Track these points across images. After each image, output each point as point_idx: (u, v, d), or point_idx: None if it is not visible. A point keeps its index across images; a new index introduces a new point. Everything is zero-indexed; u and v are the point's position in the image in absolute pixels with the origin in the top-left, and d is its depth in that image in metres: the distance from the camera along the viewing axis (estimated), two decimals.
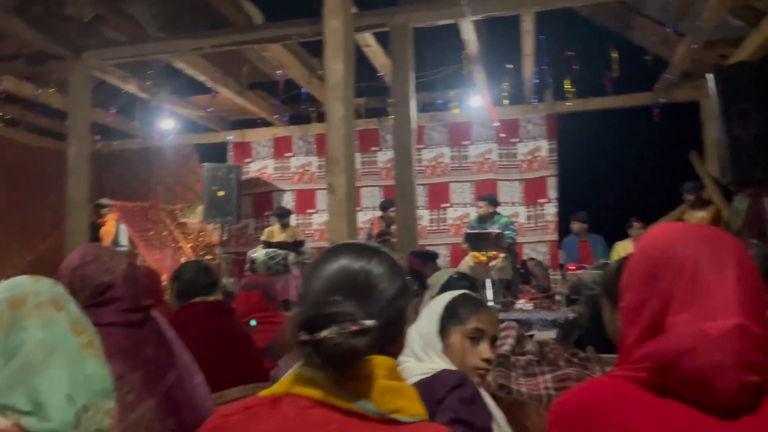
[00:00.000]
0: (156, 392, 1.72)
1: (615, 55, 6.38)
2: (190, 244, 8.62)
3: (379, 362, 0.87)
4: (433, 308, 1.58)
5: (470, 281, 2.58)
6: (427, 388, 1.33)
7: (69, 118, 5.57)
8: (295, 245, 7.11)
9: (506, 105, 7.54)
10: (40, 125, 8.07)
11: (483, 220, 6.54)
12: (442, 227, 8.01)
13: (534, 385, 2.34)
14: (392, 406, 0.83)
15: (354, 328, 0.84)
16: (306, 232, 8.23)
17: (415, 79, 5.13)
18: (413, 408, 0.85)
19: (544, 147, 7.69)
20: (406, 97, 4.82)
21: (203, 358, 1.96)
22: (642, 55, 6.48)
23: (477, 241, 6.23)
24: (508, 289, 6.27)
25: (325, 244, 8.23)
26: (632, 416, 0.83)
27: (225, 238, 8.13)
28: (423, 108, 8.08)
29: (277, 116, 8.34)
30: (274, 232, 7.32)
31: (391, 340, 0.91)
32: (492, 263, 6.20)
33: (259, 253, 6.82)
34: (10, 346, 1.22)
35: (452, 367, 1.43)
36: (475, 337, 1.51)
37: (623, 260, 1.33)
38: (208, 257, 8.62)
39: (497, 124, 7.60)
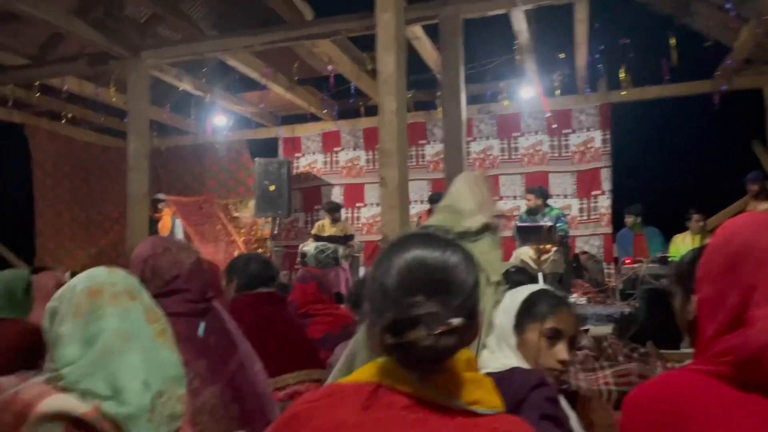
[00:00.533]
0: (219, 379, 1.77)
1: (673, 41, 6.16)
2: (243, 238, 8.81)
3: (459, 355, 0.87)
4: (511, 301, 1.52)
5: (527, 275, 2.54)
6: (503, 385, 1.31)
7: (128, 116, 5.76)
8: (345, 239, 7.17)
9: (558, 95, 7.39)
10: (101, 123, 8.37)
11: (532, 212, 6.43)
12: None
13: (593, 380, 2.30)
14: (471, 398, 0.83)
15: (443, 328, 0.83)
16: (355, 225, 8.29)
17: (465, 70, 5.08)
18: (491, 400, 0.86)
19: (597, 138, 7.51)
20: (457, 90, 4.78)
21: (258, 345, 2.01)
22: (701, 41, 6.23)
23: (527, 234, 6.13)
24: (560, 284, 6.16)
25: (374, 237, 8.28)
26: (713, 411, 0.81)
27: (276, 231, 8.27)
28: (471, 100, 7.99)
29: (325, 111, 8.41)
30: (325, 226, 7.40)
31: (471, 333, 0.90)
32: (544, 257, 6.11)
33: (309, 246, 6.91)
34: (89, 333, 1.28)
35: (525, 365, 1.39)
36: (552, 336, 1.45)
37: (698, 250, 1.30)
38: (259, 251, 8.79)
39: (549, 114, 7.45)
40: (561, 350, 1.45)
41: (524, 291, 1.54)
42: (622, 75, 6.79)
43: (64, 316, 1.31)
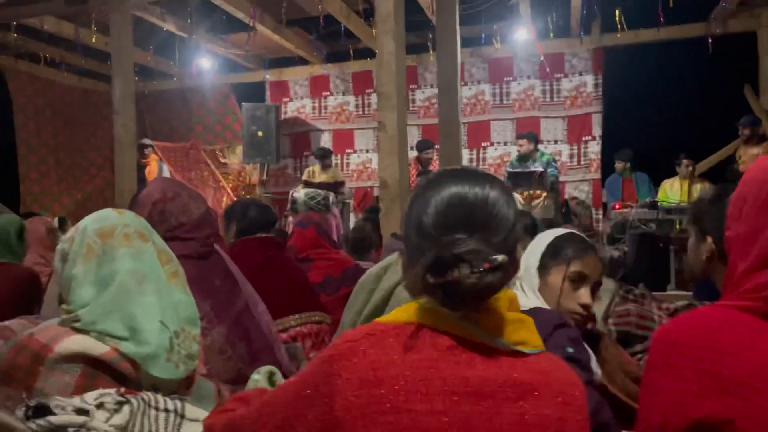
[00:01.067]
0: (226, 319, 1.79)
1: None
2: (231, 184, 8.73)
3: (501, 294, 0.86)
4: (537, 243, 1.51)
5: (533, 220, 2.55)
6: None
7: (112, 59, 5.58)
8: (335, 185, 7.14)
9: (551, 38, 7.26)
10: (83, 66, 8.11)
11: (524, 158, 6.42)
12: (482, 166, 7.90)
13: None
14: (517, 338, 0.83)
15: (486, 265, 0.81)
16: (344, 172, 8.24)
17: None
18: (535, 340, 0.86)
19: (589, 82, 7.44)
20: (452, 32, 4.67)
21: (259, 288, 2.02)
22: None
23: (519, 180, 6.14)
24: (550, 228, 6.22)
25: (364, 184, 8.26)
26: (749, 344, 0.81)
27: (265, 178, 8.20)
28: (464, 43, 7.83)
29: (315, 54, 8.20)
30: (315, 172, 7.35)
31: (513, 270, 0.87)
32: (534, 202, 6.15)
33: (299, 192, 6.86)
34: (103, 274, 1.26)
35: (545, 306, 1.40)
36: (576, 280, 1.43)
37: (718, 191, 1.29)
38: (248, 197, 8.74)
39: (542, 58, 7.34)
40: (584, 294, 1.43)
41: (551, 233, 1.53)
42: (616, 17, 6.65)
43: (75, 257, 1.29)
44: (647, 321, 2.27)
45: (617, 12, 6.59)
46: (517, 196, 6.18)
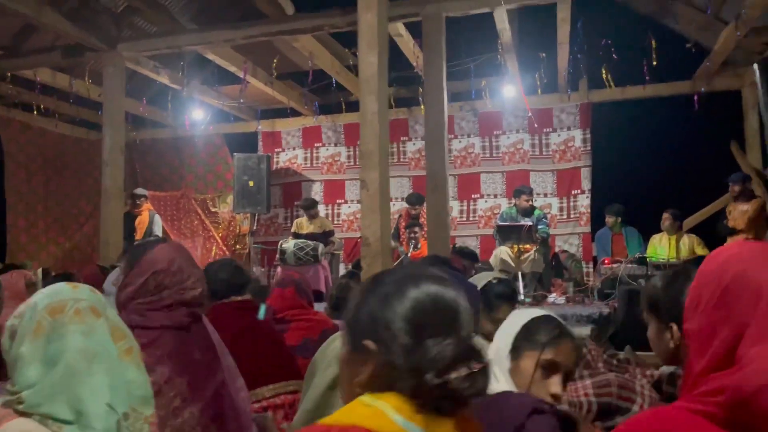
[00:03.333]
0: (201, 397, 1.71)
1: (653, 42, 6.18)
2: (221, 234, 8.70)
3: None
4: (510, 323, 1.44)
5: (510, 287, 2.49)
6: (495, 408, 1.25)
7: (104, 109, 5.63)
8: (325, 236, 7.11)
9: (540, 94, 7.39)
10: (75, 115, 8.18)
11: (524, 212, 6.33)
12: (471, 218, 7.92)
13: (573, 391, 2.28)
14: None
15: (478, 366, 0.81)
16: (335, 222, 8.23)
17: (448, 68, 5.04)
18: None
19: (578, 137, 7.53)
20: (439, 87, 4.75)
21: (234, 357, 1.95)
22: (682, 42, 6.26)
23: (508, 233, 6.13)
24: (540, 283, 6.18)
25: (354, 234, 8.24)
26: None
27: (255, 227, 8.17)
28: (454, 97, 7.96)
29: (306, 106, 8.32)
30: (303, 223, 7.33)
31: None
32: (523, 256, 6.11)
33: (288, 243, 6.83)
34: (50, 354, 1.21)
35: (515, 390, 1.33)
36: (549, 368, 1.35)
37: (670, 275, 1.26)
38: (238, 246, 8.70)
39: (530, 114, 7.45)
40: (555, 383, 1.35)
41: (526, 314, 1.45)
42: (603, 75, 6.79)
43: (24, 335, 1.24)
44: (628, 392, 2.20)
45: (603, 70, 6.72)
46: (507, 250, 6.16)
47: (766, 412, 0.75)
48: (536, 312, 1.45)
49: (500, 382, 1.33)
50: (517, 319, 1.43)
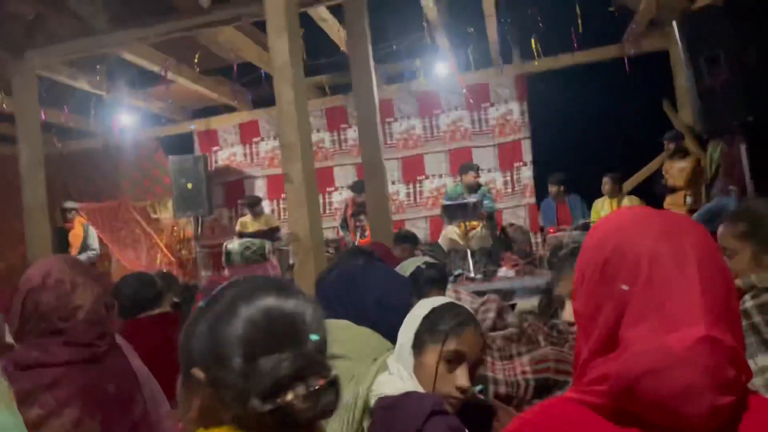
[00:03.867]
0: None
1: (579, 9, 6.19)
2: (165, 241, 8.42)
3: None
4: (412, 316, 1.34)
5: (440, 270, 2.41)
6: (395, 412, 1.15)
7: (16, 122, 5.30)
8: (271, 232, 6.95)
9: (474, 70, 7.35)
10: None
11: (471, 189, 6.30)
12: (419, 200, 7.86)
13: (511, 369, 2.23)
14: None
15: (321, 381, 0.73)
16: (281, 218, 8.05)
17: (378, 50, 4.93)
18: None
19: (515, 109, 7.53)
20: (367, 71, 4.63)
21: (154, 375, 1.82)
22: (607, 6, 6.30)
23: (454, 212, 6.10)
24: (489, 258, 6.17)
25: None
26: None
27: (199, 231, 7.93)
28: (390, 80, 7.86)
29: (236, 101, 8.08)
30: (247, 222, 7.15)
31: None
32: (471, 233, 6.09)
33: (234, 244, 6.61)
34: None
35: (420, 389, 1.23)
36: (453, 360, 1.26)
37: (572, 247, 1.19)
38: (183, 252, 8.44)
39: (464, 90, 7.42)
40: (462, 375, 1.26)
41: (428, 304, 1.35)
42: (533, 45, 6.78)
43: None
44: (566, 364, 2.16)
45: (533, 40, 6.71)
46: (455, 229, 6.13)
47: (648, 401, 0.67)
48: (439, 300, 1.36)
49: (405, 381, 1.24)
50: (418, 310, 1.33)
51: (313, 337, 0.77)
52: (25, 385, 1.42)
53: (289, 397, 0.71)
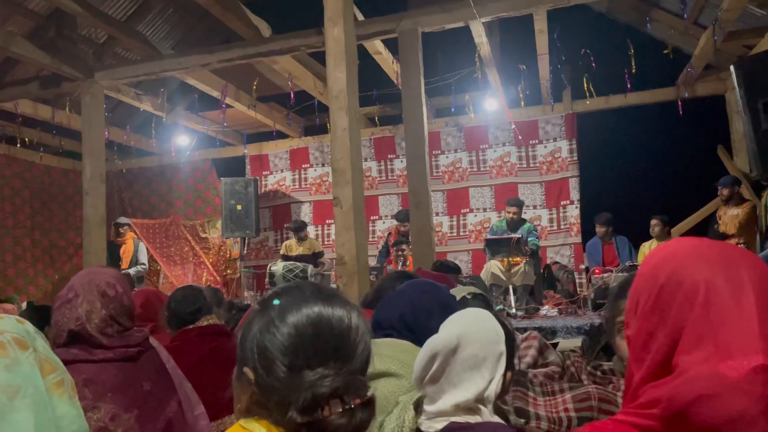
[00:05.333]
0: (151, 430, 1.63)
1: (633, 50, 6.18)
2: (211, 259, 8.62)
3: None
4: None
5: (485, 301, 2.41)
6: None
7: (83, 138, 5.59)
8: (315, 257, 7.05)
9: (523, 107, 7.38)
10: (60, 146, 8.16)
11: (513, 225, 6.29)
12: (462, 233, 7.86)
13: (553, 406, 2.20)
14: None
15: (357, 401, 0.76)
16: (325, 243, 8.16)
17: (428, 84, 5.03)
18: None
19: (564, 147, 7.50)
20: (417, 103, 4.72)
21: (199, 386, 1.87)
22: (661, 49, 6.27)
23: (497, 246, 6.07)
24: (531, 295, 6.09)
25: None
26: None
27: (245, 251, 8.11)
28: (439, 113, 7.96)
29: (291, 128, 8.30)
30: (292, 245, 7.27)
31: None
32: (514, 269, 6.04)
33: (277, 266, 6.76)
34: None
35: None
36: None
37: (624, 279, 1.19)
38: (229, 271, 8.62)
39: (513, 126, 7.44)
40: None
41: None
42: (585, 85, 6.78)
43: None
44: (609, 405, 2.12)
45: (584, 79, 6.71)
46: (497, 264, 6.09)
47: (702, 426, 0.68)
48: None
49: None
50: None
51: (357, 347, 0.80)
52: None
53: (326, 413, 0.74)
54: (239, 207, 7.68)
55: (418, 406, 1.25)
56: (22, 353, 1.22)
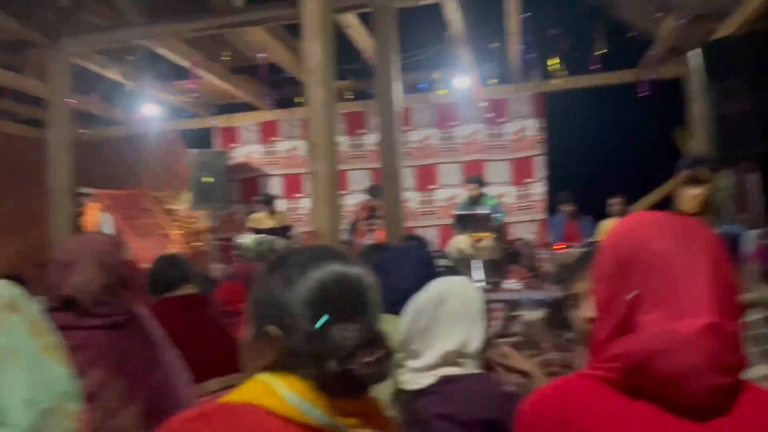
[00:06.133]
0: (139, 397, 1.68)
1: (601, 32, 6.31)
2: (179, 232, 8.56)
3: None
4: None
5: (454, 274, 2.52)
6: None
7: (49, 106, 5.46)
8: (284, 230, 7.08)
9: (493, 85, 7.47)
10: (23, 114, 7.93)
11: (473, 201, 6.52)
12: (430, 209, 7.98)
13: None
14: (348, 421, 0.80)
15: (383, 351, 0.83)
16: (294, 216, 8.18)
17: (400, 60, 5.06)
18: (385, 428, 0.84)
19: (531, 126, 7.64)
20: (390, 79, 4.76)
21: (180, 352, 1.93)
22: (627, 31, 6.41)
23: (465, 222, 6.22)
24: (496, 269, 6.27)
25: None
26: (603, 418, 0.80)
27: (214, 224, 8.07)
28: (409, 89, 7.97)
29: (262, 100, 8.23)
30: (262, 218, 7.27)
31: None
32: (480, 244, 6.19)
33: (247, 239, 6.77)
34: None
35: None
36: None
37: (581, 255, 1.29)
38: (197, 244, 8.57)
39: (484, 104, 7.54)
40: None
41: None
42: (553, 64, 6.90)
43: None
44: (570, 370, 2.25)
45: (553, 60, 6.83)
46: (464, 239, 6.23)
47: (656, 378, 0.78)
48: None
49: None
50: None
51: (374, 304, 0.87)
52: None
53: (357, 363, 0.80)
54: (208, 179, 7.63)
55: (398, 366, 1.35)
56: (12, 316, 1.26)
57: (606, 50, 6.46)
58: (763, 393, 0.82)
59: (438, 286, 1.43)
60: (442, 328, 1.34)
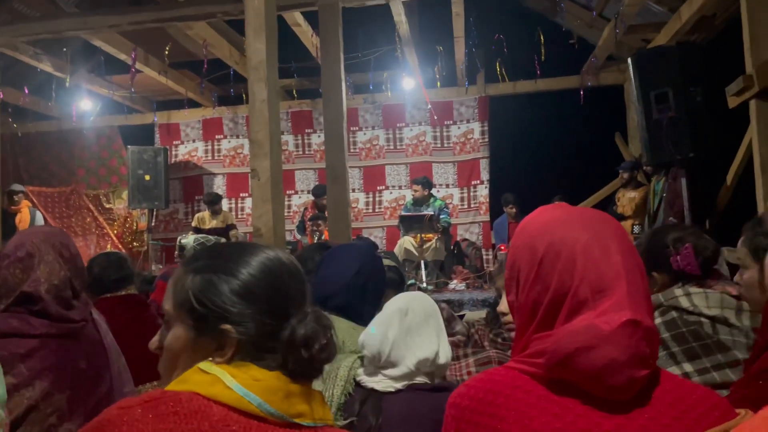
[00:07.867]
0: (80, 412, 1.59)
1: (543, 39, 6.48)
2: (116, 231, 8.28)
3: None
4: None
5: (399, 274, 2.53)
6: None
7: None
8: (227, 230, 6.95)
9: (439, 87, 7.55)
10: None
11: (418, 203, 6.57)
12: (377, 210, 7.99)
13: (457, 369, 2.36)
14: (294, 411, 0.79)
15: (329, 334, 0.84)
16: (239, 216, 8.05)
17: (348, 59, 5.04)
18: (318, 412, 0.82)
19: (476, 129, 7.77)
20: (337, 78, 4.73)
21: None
22: (569, 38, 6.60)
23: (411, 223, 6.25)
24: (442, 270, 6.34)
25: None
26: (526, 410, 0.82)
27: (153, 223, 7.84)
28: (357, 89, 7.99)
29: (205, 97, 8.05)
30: (205, 218, 7.12)
31: None
32: (426, 245, 6.25)
33: (188, 239, 6.58)
34: None
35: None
36: None
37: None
38: (135, 244, 8.31)
39: (429, 106, 7.62)
40: None
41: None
42: (497, 69, 7.04)
43: None
44: None
45: (497, 64, 6.96)
46: (410, 240, 6.27)
47: (579, 372, 0.80)
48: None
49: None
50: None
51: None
52: (2, 352, 1.45)
53: (316, 347, 0.81)
54: (147, 177, 7.41)
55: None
56: None
57: (548, 57, 6.63)
58: (675, 379, 0.85)
59: (401, 299, 1.49)
60: (415, 338, 1.40)
